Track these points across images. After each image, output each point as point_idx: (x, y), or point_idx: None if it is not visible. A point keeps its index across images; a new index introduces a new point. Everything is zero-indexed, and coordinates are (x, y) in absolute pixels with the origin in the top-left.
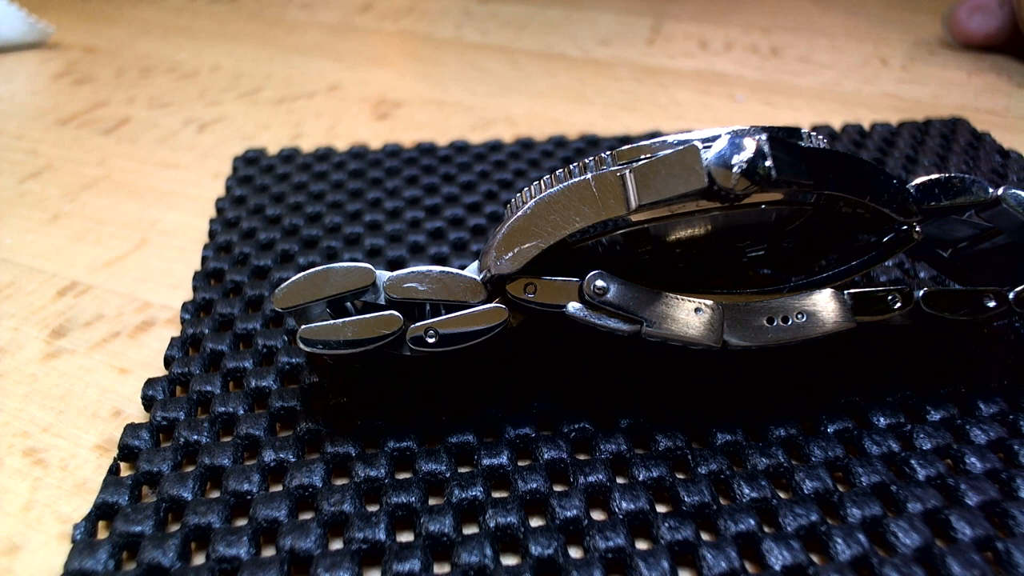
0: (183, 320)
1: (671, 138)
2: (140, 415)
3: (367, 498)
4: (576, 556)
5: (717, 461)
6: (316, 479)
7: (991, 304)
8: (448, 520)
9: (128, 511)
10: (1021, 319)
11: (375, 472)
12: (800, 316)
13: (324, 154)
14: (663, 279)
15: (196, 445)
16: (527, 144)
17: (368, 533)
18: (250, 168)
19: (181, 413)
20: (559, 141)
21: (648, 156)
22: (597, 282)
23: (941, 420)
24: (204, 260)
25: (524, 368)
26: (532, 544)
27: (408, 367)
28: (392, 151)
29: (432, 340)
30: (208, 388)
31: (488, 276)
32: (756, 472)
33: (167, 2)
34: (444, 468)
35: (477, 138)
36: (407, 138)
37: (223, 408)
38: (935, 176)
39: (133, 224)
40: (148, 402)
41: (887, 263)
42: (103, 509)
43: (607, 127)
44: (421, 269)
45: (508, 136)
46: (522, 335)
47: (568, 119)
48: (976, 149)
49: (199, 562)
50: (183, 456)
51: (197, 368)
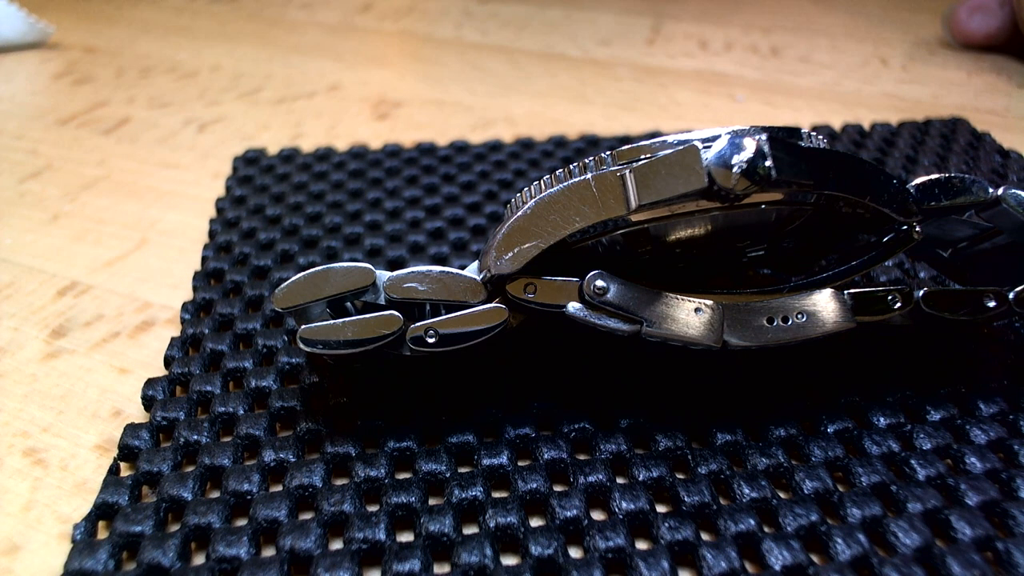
0: (183, 320)
1: (671, 138)
2: (140, 415)
3: (367, 498)
4: (576, 556)
5: (717, 461)
6: (316, 479)
7: (991, 304)
8: (448, 520)
9: (128, 511)
10: (1021, 319)
11: (375, 472)
12: (800, 316)
13: (324, 154)
14: (663, 279)
15: (196, 445)
16: (527, 144)
17: (368, 533)
18: (250, 168)
19: (181, 413)
20: (559, 141)
21: (648, 156)
22: (597, 282)
23: (941, 420)
24: (204, 260)
25: (524, 368)
26: (532, 544)
27: (408, 367)
28: (392, 151)
29: (432, 340)
30: (208, 388)
31: (488, 276)
32: (756, 472)
33: (167, 2)
34: (444, 468)
35: (477, 138)
36: (407, 138)
37: (223, 408)
38: (935, 176)
39: (133, 224)
40: (148, 402)
41: (887, 263)
42: (103, 509)
43: (607, 127)
44: (421, 269)
45: (508, 136)
46: (522, 335)
47: (568, 119)
48: (976, 149)
49: (199, 562)
50: (183, 456)
51: (197, 368)
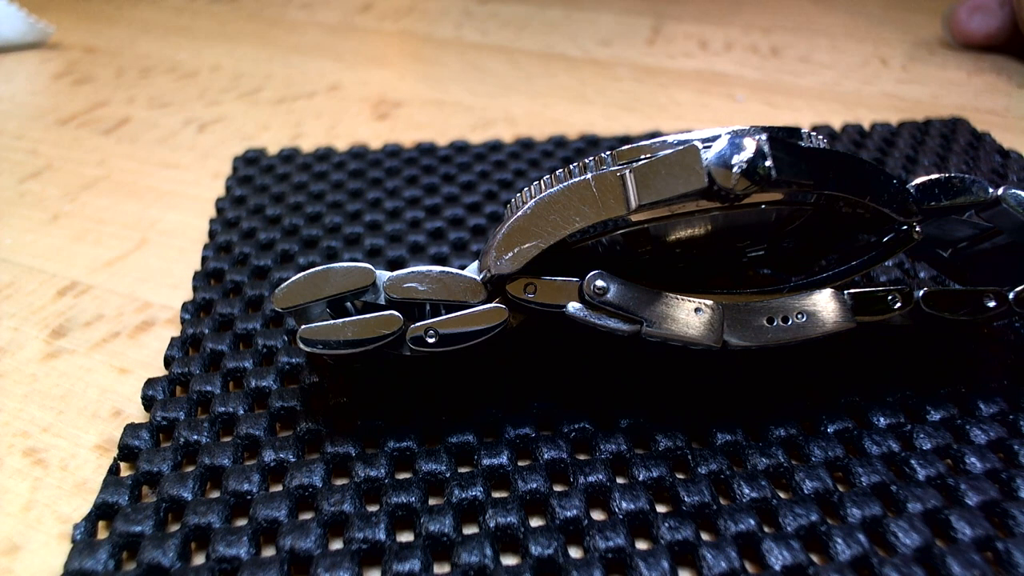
0: (183, 320)
1: (671, 138)
2: (140, 415)
3: (367, 498)
4: (576, 556)
5: (717, 461)
6: (316, 479)
7: (991, 304)
8: (448, 520)
9: (128, 511)
10: (1021, 319)
11: (375, 472)
12: (800, 316)
13: (324, 154)
14: (663, 279)
15: (196, 445)
16: (527, 144)
17: (368, 533)
18: (250, 168)
19: (181, 413)
20: (559, 141)
21: (648, 156)
22: (597, 282)
23: (941, 420)
24: (204, 260)
25: (524, 368)
26: (532, 544)
27: (408, 367)
28: (392, 151)
29: (432, 340)
30: (208, 388)
31: (488, 276)
32: (756, 472)
33: (167, 2)
34: (444, 468)
35: (477, 138)
36: (407, 138)
37: (223, 408)
38: (935, 176)
39: (133, 224)
40: (148, 402)
41: (887, 263)
42: (103, 509)
43: (607, 127)
44: (421, 269)
45: (508, 136)
46: (522, 335)
47: (568, 119)
48: (976, 149)
49: (199, 562)
50: (183, 456)
51: (197, 368)
